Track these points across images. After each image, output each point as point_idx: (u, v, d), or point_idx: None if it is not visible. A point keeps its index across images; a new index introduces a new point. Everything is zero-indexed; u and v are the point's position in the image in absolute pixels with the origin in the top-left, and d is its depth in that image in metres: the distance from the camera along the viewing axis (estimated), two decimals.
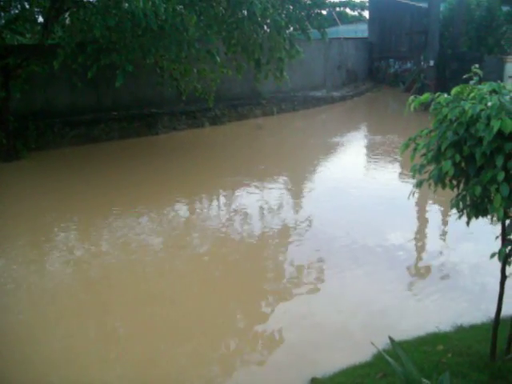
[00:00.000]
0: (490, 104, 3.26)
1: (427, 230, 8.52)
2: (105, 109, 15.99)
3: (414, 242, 7.87)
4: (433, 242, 7.87)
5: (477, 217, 3.83)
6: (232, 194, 10.44)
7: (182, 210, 9.64)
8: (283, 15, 14.27)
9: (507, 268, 3.97)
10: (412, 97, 4.00)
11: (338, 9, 40.90)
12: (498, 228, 3.93)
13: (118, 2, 10.56)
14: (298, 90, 22.36)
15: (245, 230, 8.45)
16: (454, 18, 22.35)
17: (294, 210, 9.44)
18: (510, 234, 3.70)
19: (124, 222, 8.78)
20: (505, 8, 24.31)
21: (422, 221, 8.99)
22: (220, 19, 12.75)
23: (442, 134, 3.58)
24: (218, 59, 12.58)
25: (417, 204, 9.44)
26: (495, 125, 3.15)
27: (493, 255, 3.81)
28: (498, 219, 3.60)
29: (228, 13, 12.63)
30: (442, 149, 3.56)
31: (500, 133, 3.25)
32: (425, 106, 4.08)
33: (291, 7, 15.74)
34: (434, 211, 9.27)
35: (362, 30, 31.78)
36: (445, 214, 8.86)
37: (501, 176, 3.28)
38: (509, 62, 20.87)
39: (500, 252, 3.72)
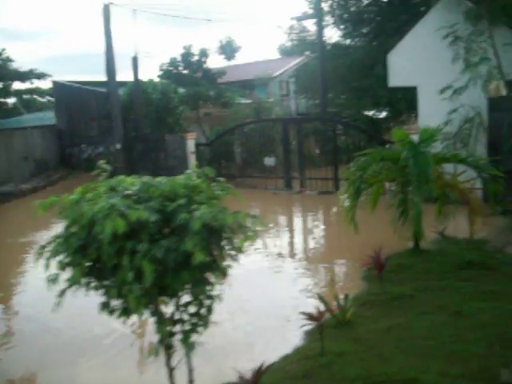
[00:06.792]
0: (98, 206, 3.11)
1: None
2: None
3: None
4: None
5: (128, 316, 3.66)
6: None
7: None
8: None
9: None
10: (38, 201, 3.68)
11: (25, 96, 39.38)
12: None
13: None
14: None
15: None
16: (134, 102, 23.39)
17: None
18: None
19: None
20: (182, 90, 26.58)
21: None
22: None
23: (66, 240, 3.31)
24: None
25: None
26: (107, 226, 3.00)
27: (150, 352, 3.70)
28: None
29: None
30: (69, 256, 3.29)
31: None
32: None
33: None
34: None
35: (50, 118, 30.97)
36: None
37: (130, 276, 3.14)
38: (189, 139, 22.56)
39: (150, 350, 3.64)
